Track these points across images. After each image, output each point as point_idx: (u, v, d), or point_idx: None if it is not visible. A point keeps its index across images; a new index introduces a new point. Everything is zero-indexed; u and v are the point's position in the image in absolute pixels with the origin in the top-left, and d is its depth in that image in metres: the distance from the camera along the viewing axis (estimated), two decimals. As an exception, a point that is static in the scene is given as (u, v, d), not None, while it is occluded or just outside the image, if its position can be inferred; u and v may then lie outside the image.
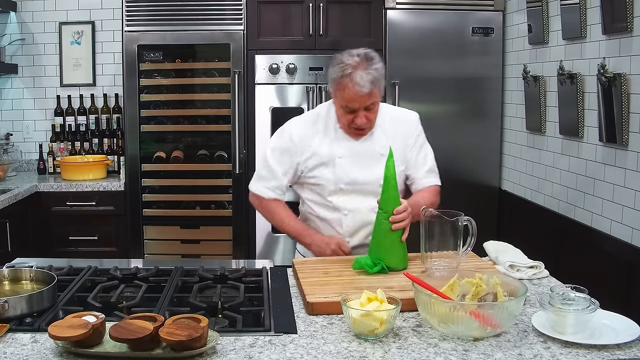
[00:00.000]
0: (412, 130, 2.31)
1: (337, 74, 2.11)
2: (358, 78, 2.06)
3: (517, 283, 1.61)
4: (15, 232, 3.52)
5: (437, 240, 1.95)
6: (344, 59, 2.11)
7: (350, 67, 2.08)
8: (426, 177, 2.32)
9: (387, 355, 1.43)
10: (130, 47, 3.90)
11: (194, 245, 4.04)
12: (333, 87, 2.16)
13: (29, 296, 1.60)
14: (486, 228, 2.47)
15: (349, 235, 2.27)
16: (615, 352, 1.42)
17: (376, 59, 2.13)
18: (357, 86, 2.06)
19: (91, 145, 4.36)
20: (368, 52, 2.14)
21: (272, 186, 2.30)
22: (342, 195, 2.25)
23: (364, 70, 2.08)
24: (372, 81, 2.07)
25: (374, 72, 2.08)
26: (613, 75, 2.72)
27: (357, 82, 2.06)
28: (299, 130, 2.27)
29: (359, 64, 2.09)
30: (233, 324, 1.59)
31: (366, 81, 2.06)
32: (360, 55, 2.11)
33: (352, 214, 2.25)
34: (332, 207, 2.26)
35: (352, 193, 2.24)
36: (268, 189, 2.30)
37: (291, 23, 3.95)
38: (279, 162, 2.28)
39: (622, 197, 2.79)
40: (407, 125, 2.32)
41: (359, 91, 2.07)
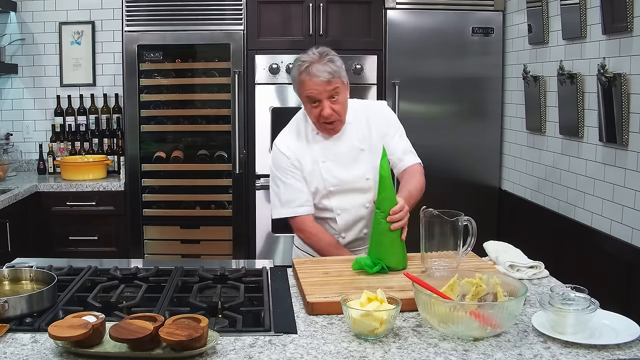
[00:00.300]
0: (385, 119, 2.36)
1: (296, 72, 2.22)
2: (314, 70, 2.16)
3: (517, 283, 1.61)
4: (15, 232, 3.52)
5: (437, 240, 1.95)
6: (302, 58, 2.22)
7: (307, 62, 2.18)
8: (403, 159, 2.33)
9: (387, 355, 1.43)
10: (130, 47, 3.90)
11: (194, 245, 4.04)
12: (296, 87, 2.25)
13: (29, 296, 1.60)
14: (486, 228, 2.47)
15: (344, 230, 2.35)
16: (615, 352, 1.42)
17: (331, 54, 2.23)
18: (314, 77, 2.15)
19: (91, 145, 4.36)
20: (323, 49, 2.24)
21: (302, 202, 2.29)
22: (332, 197, 2.31)
23: (319, 63, 2.17)
24: (330, 72, 2.16)
25: (330, 64, 2.18)
26: (613, 75, 2.72)
27: (314, 74, 2.16)
28: (286, 145, 2.32)
29: (314, 60, 2.18)
30: (233, 324, 1.59)
31: (322, 71, 2.15)
32: (315, 53, 2.21)
33: (343, 212, 2.32)
34: (325, 209, 2.33)
35: (341, 193, 2.31)
36: (299, 206, 2.30)
37: (291, 23, 3.96)
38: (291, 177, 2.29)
39: (622, 197, 2.79)
40: (380, 116, 2.37)
41: (316, 81, 2.15)
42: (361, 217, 2.33)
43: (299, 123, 2.36)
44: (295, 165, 2.29)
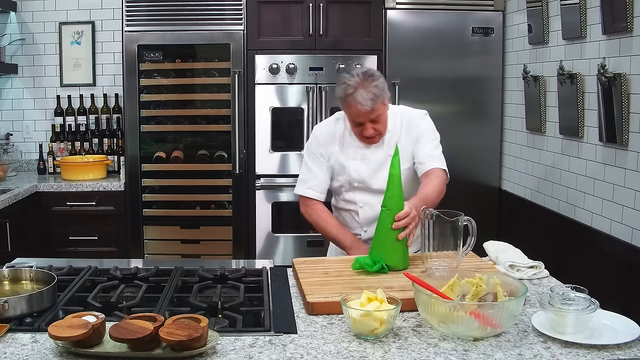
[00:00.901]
0: (416, 127, 2.40)
1: (341, 94, 2.26)
2: (359, 97, 2.20)
3: (517, 283, 1.61)
4: (15, 232, 3.52)
5: (437, 240, 1.95)
6: (346, 80, 2.25)
7: (352, 87, 2.22)
8: (428, 161, 2.34)
9: (387, 355, 1.43)
10: (130, 47, 3.90)
11: (194, 245, 4.04)
12: (340, 105, 2.32)
13: (29, 296, 1.60)
14: (486, 228, 2.47)
15: (366, 224, 2.42)
16: (615, 352, 1.42)
17: (376, 76, 2.26)
18: (359, 105, 2.21)
19: (91, 145, 4.36)
20: (367, 70, 2.27)
21: (312, 185, 2.44)
22: (356, 192, 2.42)
23: (365, 89, 2.21)
24: (374, 98, 2.21)
25: (374, 89, 2.21)
26: (613, 75, 2.72)
27: (358, 101, 2.20)
28: (322, 132, 2.45)
29: (359, 83, 2.21)
30: (233, 324, 1.59)
31: (367, 99, 2.20)
32: (359, 75, 2.24)
33: (366, 206, 2.41)
34: (350, 201, 2.45)
35: (365, 190, 2.40)
36: (309, 189, 2.44)
37: (291, 23, 3.96)
38: (313, 161, 2.45)
39: (622, 197, 2.79)
40: (413, 123, 2.41)
41: (361, 109, 2.21)
42: None
43: (340, 120, 2.43)
44: (321, 153, 2.42)
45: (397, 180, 2.03)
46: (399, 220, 2.00)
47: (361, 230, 2.44)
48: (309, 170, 2.44)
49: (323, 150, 2.42)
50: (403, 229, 2.02)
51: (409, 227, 2.02)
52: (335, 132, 2.42)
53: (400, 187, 2.04)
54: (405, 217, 2.01)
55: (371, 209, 2.36)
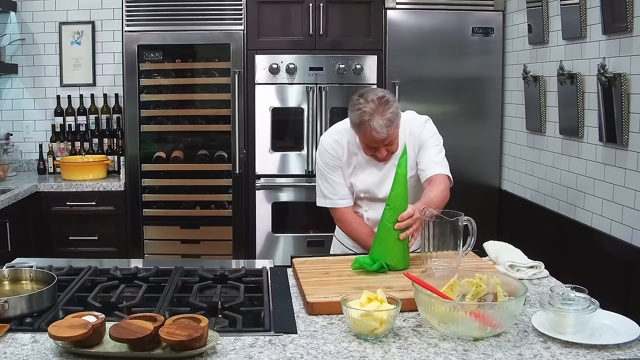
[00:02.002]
0: (420, 133, 2.38)
1: (357, 120, 2.22)
2: (375, 124, 2.17)
3: (517, 283, 1.61)
4: (15, 232, 3.52)
5: (437, 240, 1.95)
6: (361, 106, 2.20)
7: (368, 114, 2.18)
8: (431, 167, 2.33)
9: (387, 355, 1.43)
10: (130, 47, 3.90)
11: (194, 245, 4.04)
12: (354, 130, 2.29)
13: (29, 296, 1.60)
14: (486, 228, 2.47)
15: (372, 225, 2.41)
16: (615, 352, 1.42)
17: (391, 101, 2.22)
18: (374, 132, 2.18)
19: (91, 145, 4.36)
20: (382, 96, 2.22)
21: (340, 196, 2.42)
22: (362, 200, 2.45)
23: (381, 115, 2.17)
24: (389, 125, 2.19)
25: (389, 115, 2.18)
26: (613, 75, 2.72)
27: (374, 129, 2.18)
28: (329, 142, 2.42)
29: (375, 110, 2.18)
30: (233, 324, 1.59)
31: (383, 126, 2.17)
32: (375, 100, 2.19)
33: (371, 210, 2.42)
34: (356, 204, 2.47)
35: (370, 200, 2.43)
36: (340, 199, 2.42)
37: (291, 23, 3.96)
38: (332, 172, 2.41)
39: (622, 197, 2.79)
40: (415, 131, 2.38)
41: (377, 137, 2.19)
42: None
43: (348, 130, 2.37)
44: (337, 164, 2.40)
45: (403, 180, 2.03)
46: (402, 221, 2.00)
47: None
48: (331, 182, 2.41)
49: (337, 160, 2.40)
50: (405, 230, 2.02)
51: (411, 228, 2.02)
52: (341, 143, 2.39)
53: (405, 186, 2.04)
54: (408, 217, 2.01)
55: (375, 213, 2.36)
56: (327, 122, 3.91)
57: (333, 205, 2.43)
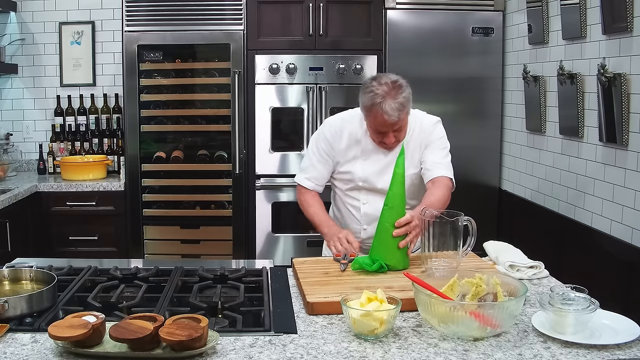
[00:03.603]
0: (429, 133, 2.38)
1: (368, 103, 2.21)
2: (387, 107, 2.16)
3: (517, 283, 1.61)
4: (15, 232, 3.52)
5: (437, 240, 1.95)
6: (374, 88, 2.20)
7: (380, 96, 2.17)
8: (435, 169, 2.33)
9: (387, 355, 1.43)
10: (130, 47, 3.90)
11: (194, 245, 4.04)
12: (364, 113, 2.28)
13: (29, 296, 1.60)
14: (486, 228, 2.47)
15: (367, 223, 2.42)
16: (615, 352, 1.42)
17: (404, 86, 2.23)
18: (386, 115, 2.17)
19: (91, 145, 4.36)
20: (395, 80, 2.23)
21: (310, 177, 2.45)
22: (362, 190, 2.41)
23: (393, 98, 2.17)
24: (400, 109, 2.18)
25: (401, 100, 2.19)
26: (613, 75, 2.72)
27: (386, 111, 2.17)
28: (332, 128, 2.42)
29: (387, 93, 2.18)
30: (233, 324, 1.59)
31: (394, 110, 2.17)
32: (388, 84, 2.19)
33: (369, 204, 2.40)
34: (353, 197, 2.45)
35: (369, 190, 2.40)
36: (307, 179, 2.45)
37: (291, 23, 3.95)
38: (317, 154, 2.44)
39: (622, 197, 2.79)
40: (425, 130, 2.38)
41: (387, 120, 2.18)
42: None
43: (355, 117, 2.39)
44: (325, 150, 2.41)
45: (401, 179, 2.04)
46: (400, 227, 2.01)
47: (360, 227, 2.43)
48: (311, 163, 2.45)
49: (329, 146, 2.40)
50: (404, 237, 2.02)
51: (409, 235, 2.02)
52: (344, 130, 2.39)
53: (403, 186, 2.04)
54: (405, 224, 2.01)
55: (373, 207, 2.36)
56: (327, 122, 3.90)
57: (299, 181, 2.46)
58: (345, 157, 2.39)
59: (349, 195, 2.45)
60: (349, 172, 2.39)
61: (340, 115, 2.48)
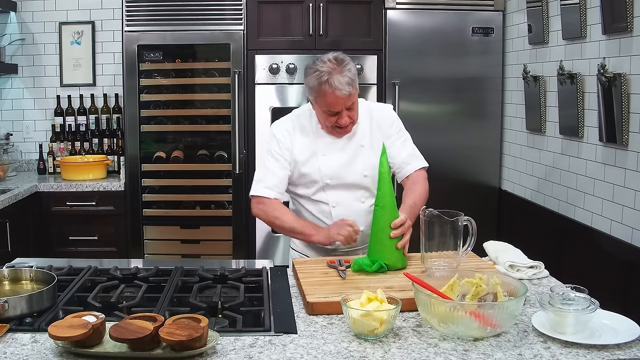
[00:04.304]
0: (389, 122, 2.36)
1: (315, 82, 2.16)
2: (336, 82, 2.12)
3: (517, 283, 1.61)
4: (15, 232, 3.52)
5: (437, 240, 1.95)
6: (318, 67, 2.16)
7: (326, 73, 2.14)
8: (409, 163, 2.33)
9: (387, 355, 1.43)
10: (130, 47, 3.90)
11: (194, 245, 4.04)
12: (313, 95, 2.22)
13: (29, 296, 1.60)
14: (486, 228, 2.47)
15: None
16: (615, 352, 1.42)
17: (347, 60, 2.19)
18: (337, 90, 2.12)
19: (91, 145, 4.36)
20: (337, 55, 2.19)
21: (270, 184, 2.30)
22: (328, 190, 2.31)
23: (340, 73, 2.14)
24: (349, 83, 2.14)
25: (348, 74, 2.15)
26: (613, 75, 2.72)
27: (336, 87, 2.12)
28: (282, 131, 2.33)
29: (333, 69, 2.14)
30: (233, 324, 1.59)
31: (344, 84, 2.13)
32: (331, 60, 2.16)
33: (339, 205, 2.31)
34: (321, 201, 2.33)
35: (337, 187, 2.30)
36: (266, 188, 2.30)
37: (291, 23, 3.95)
38: (272, 160, 2.32)
39: (622, 197, 2.79)
40: (385, 117, 2.36)
41: (339, 95, 2.13)
42: (356, 212, 2.28)
43: (302, 116, 2.35)
44: (281, 154, 2.30)
45: (387, 177, 2.05)
46: (395, 228, 2.01)
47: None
48: (267, 170, 2.31)
49: (283, 149, 2.30)
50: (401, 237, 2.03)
51: (405, 236, 2.03)
52: (295, 130, 2.31)
53: (390, 184, 2.05)
54: (401, 224, 2.02)
55: (344, 208, 2.29)
56: (327, 122, 3.91)
57: (258, 193, 2.28)
58: (302, 155, 2.29)
59: (314, 201, 2.33)
60: (311, 172, 2.29)
61: (286, 117, 2.40)
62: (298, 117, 2.36)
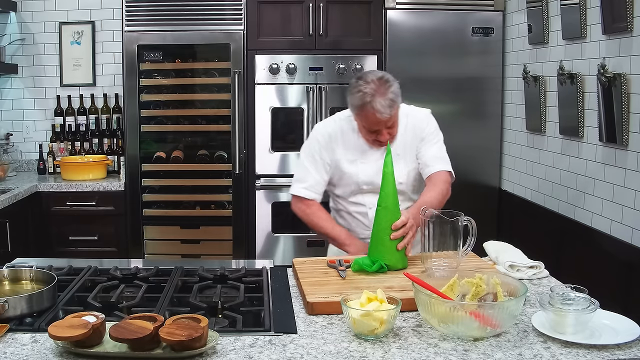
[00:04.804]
0: (424, 124, 2.37)
1: (358, 102, 2.18)
2: (378, 105, 2.14)
3: (517, 283, 1.61)
4: (15, 232, 3.52)
5: (437, 240, 1.95)
6: (361, 87, 2.17)
7: (369, 95, 2.15)
8: (431, 165, 2.32)
9: (387, 355, 1.43)
10: (130, 47, 3.90)
11: (194, 245, 4.04)
12: (355, 113, 2.24)
13: (29, 296, 1.60)
14: (486, 228, 2.47)
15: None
16: (615, 352, 1.42)
17: (390, 80, 2.20)
18: (377, 113, 2.15)
19: (91, 145, 4.36)
20: (382, 76, 2.20)
21: (308, 185, 2.37)
22: (365, 194, 2.37)
23: (382, 96, 2.15)
24: (391, 105, 2.16)
25: (391, 95, 2.16)
26: (613, 75, 2.72)
27: (377, 110, 2.14)
28: (323, 133, 2.38)
29: (376, 90, 2.15)
30: (233, 324, 1.59)
31: (386, 107, 2.14)
32: (375, 81, 2.17)
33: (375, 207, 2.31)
34: (358, 203, 2.39)
35: (373, 192, 2.33)
36: (305, 189, 2.38)
37: (291, 23, 3.96)
38: (312, 161, 2.38)
39: (622, 197, 2.79)
40: (420, 122, 2.38)
41: (379, 117, 2.16)
42: None
43: (344, 121, 2.36)
44: (321, 155, 2.35)
45: (391, 178, 2.04)
46: (396, 230, 2.01)
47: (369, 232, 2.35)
48: (306, 171, 2.38)
49: (324, 152, 2.35)
50: (402, 238, 2.02)
51: (407, 237, 2.02)
52: (337, 134, 2.36)
53: (394, 184, 2.05)
54: (402, 226, 2.01)
55: None
56: (327, 122, 3.91)
57: (296, 192, 2.38)
58: (342, 160, 2.34)
59: (352, 203, 2.39)
60: (349, 177, 2.34)
61: (329, 120, 2.44)
62: (340, 121, 2.38)
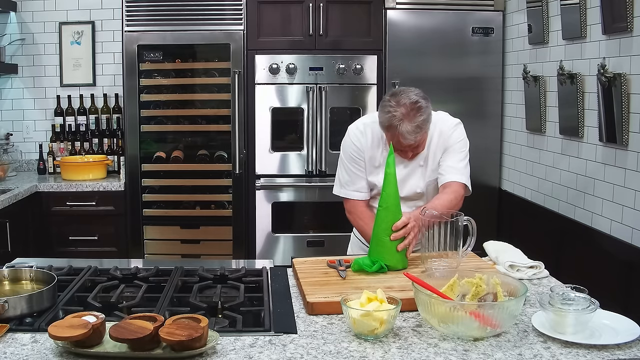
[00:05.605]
0: (447, 137, 2.35)
1: (386, 123, 2.16)
2: (404, 130, 2.11)
3: (517, 283, 1.61)
4: (15, 232, 3.52)
5: (437, 240, 1.95)
6: (392, 108, 2.13)
7: (398, 118, 2.12)
8: (445, 174, 2.31)
9: (387, 355, 1.43)
10: (130, 47, 3.90)
11: (194, 245, 4.04)
12: (382, 128, 2.23)
13: (29, 296, 1.60)
14: (486, 228, 2.47)
15: None
16: (615, 352, 1.42)
17: (423, 107, 2.14)
18: (401, 137, 2.14)
19: (91, 145, 4.36)
20: (415, 100, 2.13)
21: (357, 187, 2.39)
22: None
23: (410, 121, 2.11)
24: (417, 131, 2.13)
25: (420, 122, 2.12)
26: (613, 75, 2.72)
27: (402, 134, 2.13)
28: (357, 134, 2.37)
29: (405, 115, 2.11)
30: (233, 324, 1.59)
31: (411, 133, 2.12)
32: (407, 105, 2.12)
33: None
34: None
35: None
36: (355, 191, 2.39)
37: (291, 23, 3.96)
38: (352, 164, 2.38)
39: (622, 197, 2.79)
40: (444, 134, 2.36)
41: (402, 142, 2.15)
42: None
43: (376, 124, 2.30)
44: (360, 156, 2.35)
45: (393, 179, 2.03)
46: (397, 230, 2.00)
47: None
48: (349, 173, 2.38)
49: (360, 153, 2.35)
50: (402, 239, 2.01)
51: (407, 238, 2.01)
52: (368, 136, 2.34)
53: (396, 185, 2.04)
54: (402, 227, 2.01)
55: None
56: (327, 122, 3.91)
57: (347, 195, 2.40)
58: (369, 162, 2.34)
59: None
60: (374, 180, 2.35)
61: (362, 121, 2.42)
62: (373, 124, 2.33)
